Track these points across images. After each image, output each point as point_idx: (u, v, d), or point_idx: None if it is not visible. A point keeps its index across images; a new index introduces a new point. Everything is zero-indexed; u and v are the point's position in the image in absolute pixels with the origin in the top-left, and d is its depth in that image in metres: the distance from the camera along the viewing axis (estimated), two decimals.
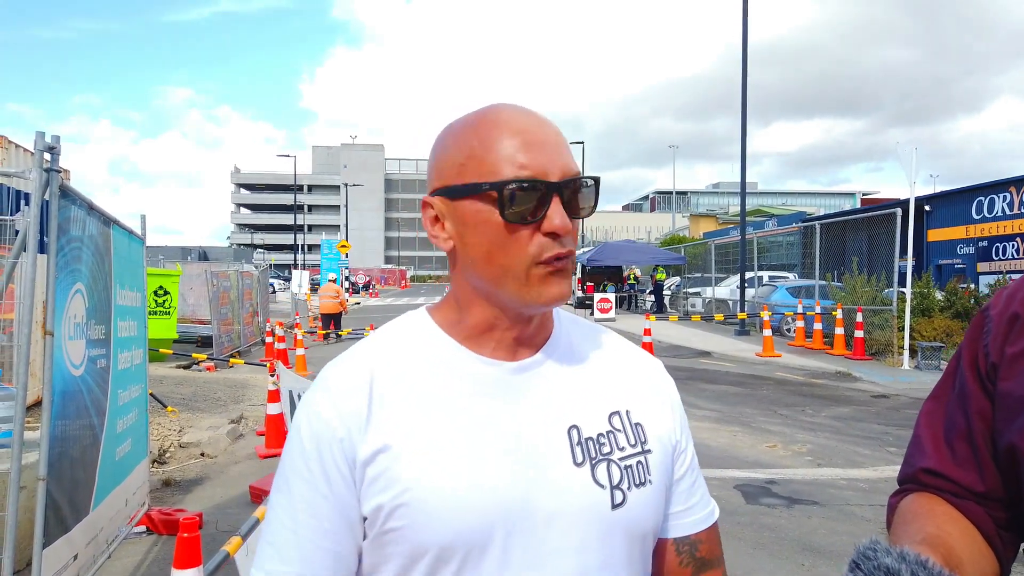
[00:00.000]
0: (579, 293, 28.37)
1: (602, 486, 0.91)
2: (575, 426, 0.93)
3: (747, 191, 19.73)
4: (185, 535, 2.27)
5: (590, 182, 0.92)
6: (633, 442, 0.96)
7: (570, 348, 1.00)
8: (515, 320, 0.94)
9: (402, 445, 0.87)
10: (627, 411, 0.98)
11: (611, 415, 0.96)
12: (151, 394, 6.78)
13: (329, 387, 0.92)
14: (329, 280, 20.47)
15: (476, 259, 0.91)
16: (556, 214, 0.87)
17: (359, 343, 0.99)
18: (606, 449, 0.93)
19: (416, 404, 0.90)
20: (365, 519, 0.88)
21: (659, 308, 27.07)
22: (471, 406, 0.91)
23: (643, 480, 0.94)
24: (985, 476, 0.94)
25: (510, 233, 0.88)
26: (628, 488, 0.92)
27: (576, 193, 0.91)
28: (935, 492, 0.99)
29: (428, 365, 0.93)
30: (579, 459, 0.91)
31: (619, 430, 0.96)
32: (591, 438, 0.93)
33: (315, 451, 0.89)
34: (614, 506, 0.91)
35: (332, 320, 19.06)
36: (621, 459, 0.94)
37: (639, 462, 0.95)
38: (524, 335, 0.96)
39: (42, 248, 3.24)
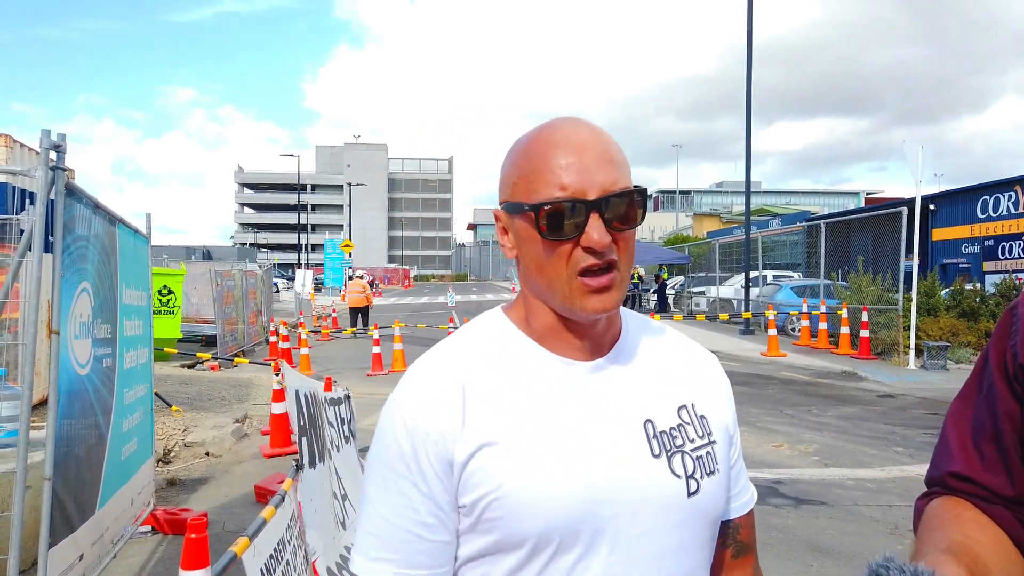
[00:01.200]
0: None
1: (678, 476, 0.98)
2: (650, 420, 1.00)
3: (751, 190, 19.67)
4: (193, 536, 2.25)
5: (633, 194, 0.96)
6: (700, 434, 1.03)
7: (637, 345, 1.07)
8: (580, 324, 1.00)
9: (496, 444, 0.93)
10: (692, 404, 1.05)
11: (679, 409, 1.03)
12: (156, 393, 6.77)
13: (422, 388, 0.98)
14: (356, 276, 21.53)
15: (530, 269, 0.99)
16: (594, 230, 0.92)
17: (443, 343, 1.05)
18: (679, 441, 1.00)
19: (505, 404, 0.96)
20: (462, 508, 0.94)
21: (662, 308, 27.04)
22: (555, 405, 0.97)
23: (712, 469, 1.02)
24: (1014, 480, 0.92)
25: (551, 249, 0.95)
26: (701, 477, 1.00)
27: (621, 206, 0.94)
28: (962, 496, 0.96)
29: (512, 366, 1.00)
30: (656, 451, 0.98)
31: (688, 423, 1.03)
32: (664, 431, 1.00)
33: (411, 451, 0.95)
34: (690, 494, 0.98)
35: (359, 314, 19.79)
36: (692, 450, 1.01)
37: (708, 452, 1.02)
38: (592, 336, 1.02)
39: (48, 247, 3.23)
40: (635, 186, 0.96)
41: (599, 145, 0.96)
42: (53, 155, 3.08)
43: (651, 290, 29.23)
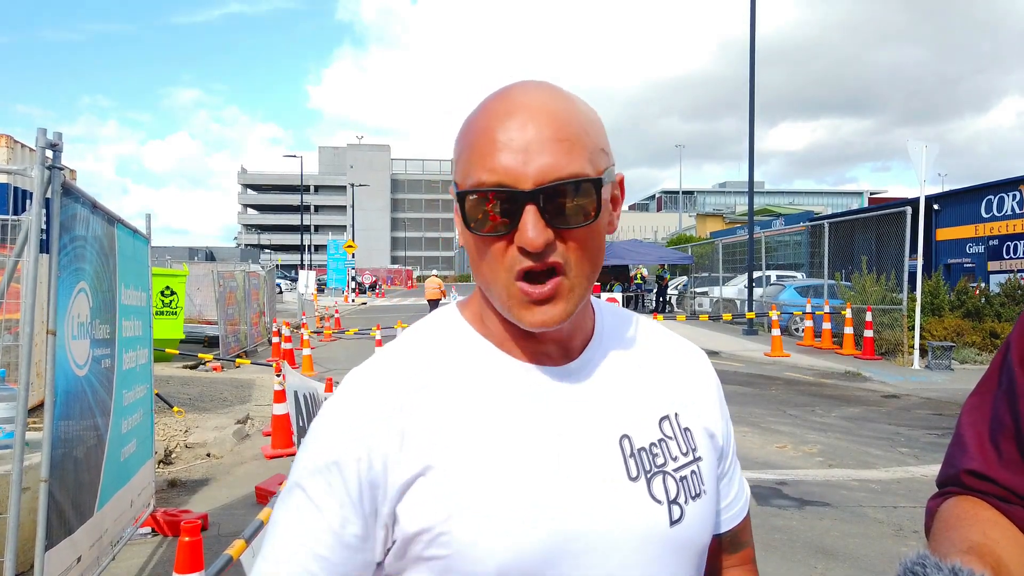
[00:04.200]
0: None
1: (659, 502, 0.84)
2: (626, 435, 0.86)
3: (754, 190, 19.62)
4: (187, 539, 2.22)
5: (581, 185, 0.77)
6: (685, 450, 0.89)
7: (613, 344, 0.92)
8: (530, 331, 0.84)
9: (442, 468, 0.78)
10: (676, 414, 0.91)
11: (661, 420, 0.89)
12: (157, 394, 6.75)
13: (357, 400, 0.82)
14: (433, 274, 25.97)
15: (473, 263, 0.84)
16: (528, 226, 0.75)
17: (388, 347, 0.89)
18: (660, 460, 0.86)
19: (455, 420, 0.81)
20: (395, 543, 0.80)
21: (662, 307, 27.01)
22: (516, 418, 0.82)
23: (698, 491, 0.88)
24: None
25: (484, 245, 0.79)
26: (685, 502, 0.86)
27: (564, 199, 0.76)
28: (979, 495, 0.92)
29: (465, 373, 0.84)
30: (634, 473, 0.84)
31: (670, 437, 0.89)
32: (644, 448, 0.86)
33: (337, 471, 0.79)
34: (672, 523, 0.84)
35: (432, 305, 22.96)
36: (675, 470, 0.87)
37: (693, 472, 0.89)
38: (558, 339, 0.87)
39: (45, 247, 3.20)
40: (586, 178, 0.78)
41: (551, 118, 0.77)
42: (49, 154, 3.06)
43: (654, 291, 29.19)
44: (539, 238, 0.75)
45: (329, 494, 0.79)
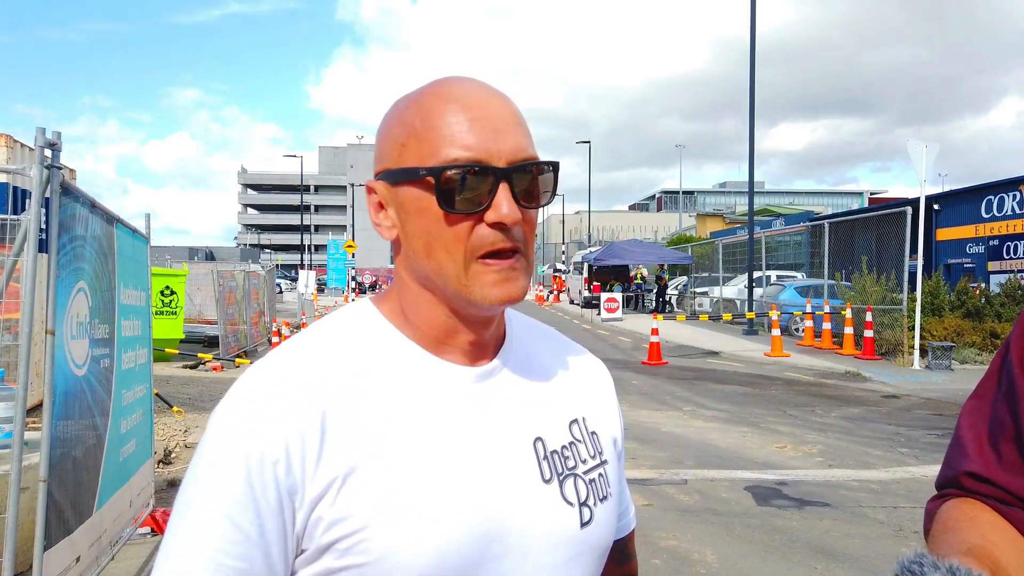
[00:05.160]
0: (586, 293, 28.33)
1: (571, 504, 0.85)
2: (539, 438, 0.86)
3: (754, 190, 19.62)
4: None
5: (547, 167, 0.82)
6: (592, 454, 0.90)
7: (524, 350, 0.92)
8: (471, 321, 0.84)
9: (359, 472, 0.75)
10: (583, 418, 0.92)
11: (571, 424, 0.90)
12: (157, 394, 6.75)
13: (264, 399, 0.76)
14: None
15: (417, 250, 0.81)
16: (502, 203, 0.77)
17: (291, 341, 0.85)
18: (571, 463, 0.87)
19: (372, 421, 0.78)
20: (307, 551, 0.75)
21: (661, 307, 27.01)
22: (434, 419, 0.80)
23: (605, 494, 0.89)
24: None
25: (449, 224, 0.78)
26: (594, 504, 0.87)
27: (530, 179, 0.80)
28: (979, 498, 0.92)
29: (383, 370, 0.81)
30: (547, 475, 0.84)
31: (580, 440, 0.90)
32: (556, 451, 0.86)
33: (239, 479, 0.73)
34: (583, 524, 0.85)
35: None
36: (585, 473, 0.88)
37: (600, 474, 0.90)
38: (483, 337, 0.86)
39: (44, 247, 3.20)
40: (549, 161, 0.82)
41: (505, 104, 0.81)
42: (48, 153, 3.05)
43: (653, 291, 29.20)
44: (515, 213, 0.78)
45: (239, 500, 0.73)
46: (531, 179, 0.80)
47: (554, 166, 0.83)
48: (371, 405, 0.79)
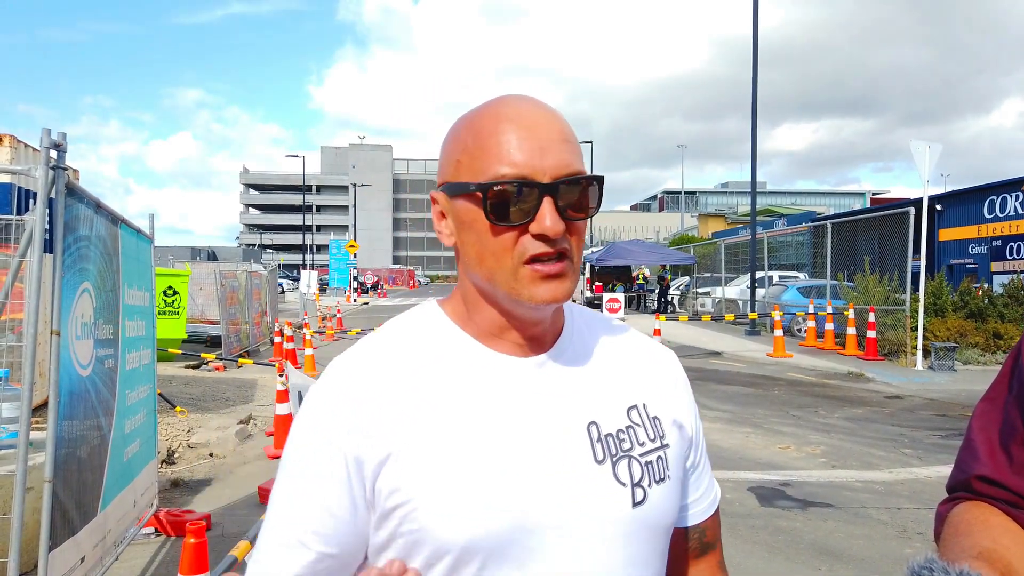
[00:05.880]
0: (588, 293, 28.30)
1: (623, 484, 0.89)
2: (594, 422, 0.91)
3: (757, 191, 19.60)
4: (192, 540, 2.21)
5: (591, 182, 0.88)
6: (652, 437, 0.95)
7: (583, 341, 0.98)
8: (522, 319, 0.92)
9: (418, 447, 0.85)
10: (644, 404, 0.96)
11: (629, 409, 0.95)
12: (160, 394, 6.75)
13: (339, 386, 0.90)
14: None
15: (471, 258, 0.90)
16: (546, 216, 0.84)
17: (369, 336, 0.96)
18: (626, 445, 0.92)
19: (431, 403, 0.87)
20: (376, 519, 0.87)
21: (664, 308, 26.98)
22: (487, 405, 0.88)
23: (663, 476, 0.93)
24: None
25: (496, 235, 0.86)
26: (648, 485, 0.91)
27: (575, 192, 0.86)
28: (990, 501, 0.92)
29: (441, 362, 0.91)
30: (599, 456, 0.89)
31: (638, 424, 0.94)
32: (610, 434, 0.91)
33: (319, 457, 0.87)
34: (635, 504, 0.89)
35: None
36: (641, 455, 0.92)
37: (659, 457, 0.94)
38: (536, 333, 0.93)
39: (49, 247, 3.20)
40: (594, 175, 0.88)
41: (553, 122, 0.87)
42: (53, 154, 3.05)
43: (655, 291, 29.17)
44: (558, 225, 0.84)
45: (319, 472, 0.86)
46: (576, 192, 0.86)
47: (599, 180, 0.89)
48: (427, 392, 0.88)
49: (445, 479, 0.83)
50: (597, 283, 28.85)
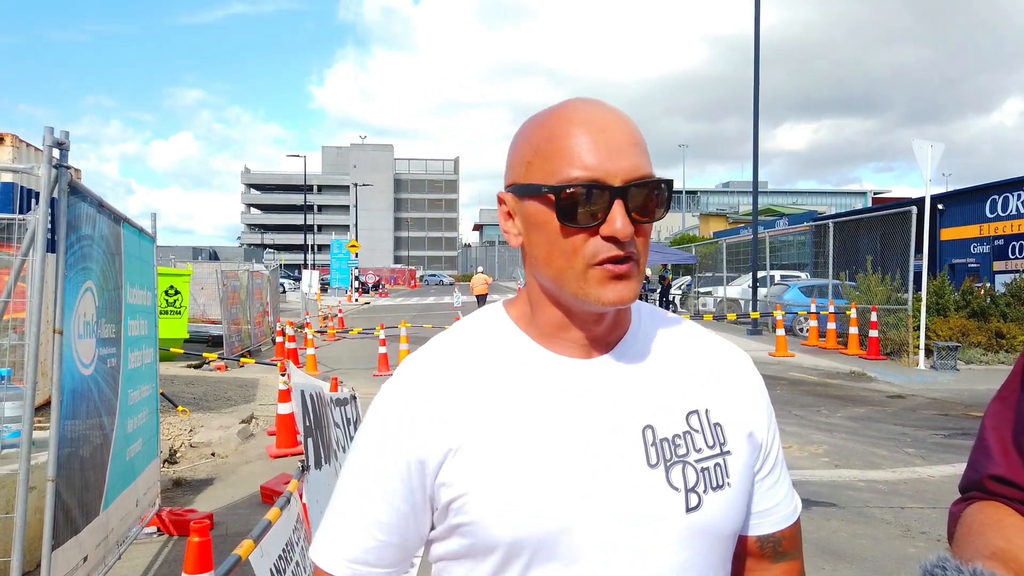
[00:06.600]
0: None
1: (676, 489, 0.89)
2: (650, 426, 0.91)
3: (758, 190, 19.57)
4: (196, 539, 2.21)
5: (661, 185, 0.88)
6: (711, 443, 0.93)
7: (648, 344, 0.98)
8: (585, 320, 0.92)
9: (475, 444, 0.88)
10: (707, 410, 0.95)
11: (689, 415, 0.94)
12: (162, 394, 6.75)
13: (409, 383, 0.94)
14: (480, 271, 27.36)
15: (538, 259, 0.90)
16: (616, 219, 0.84)
17: (438, 336, 1.00)
18: (682, 451, 0.91)
19: (490, 402, 0.90)
20: (437, 511, 0.91)
21: (665, 307, 26.97)
22: (544, 405, 0.90)
23: (721, 483, 0.92)
24: None
25: (566, 237, 0.86)
26: (704, 491, 0.90)
27: (645, 196, 0.87)
28: (1004, 501, 0.91)
29: (503, 363, 0.93)
30: (653, 461, 0.89)
31: (696, 431, 0.93)
32: (666, 439, 0.91)
33: (385, 451, 0.91)
34: (688, 509, 0.89)
35: (481, 300, 25.04)
36: (697, 461, 0.91)
37: (717, 464, 0.93)
38: (597, 334, 0.94)
39: (52, 246, 3.19)
40: (664, 178, 0.88)
41: (624, 126, 0.88)
42: (56, 153, 3.05)
43: (656, 290, 29.15)
44: (628, 228, 0.84)
45: (384, 469, 0.91)
46: (646, 196, 0.87)
47: (668, 184, 0.89)
48: (486, 393, 0.91)
49: (497, 476, 0.86)
50: None
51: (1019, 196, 20.22)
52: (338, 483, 0.97)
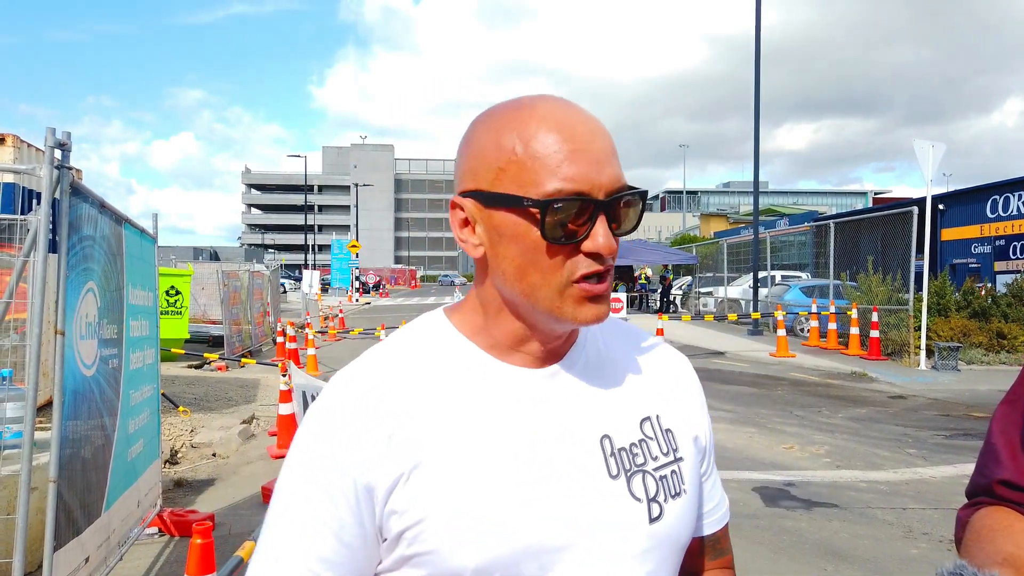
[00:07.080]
0: None
1: (639, 499, 0.86)
2: (607, 436, 0.88)
3: (759, 190, 19.57)
4: (198, 541, 2.20)
5: (639, 196, 0.84)
6: (665, 451, 0.91)
7: (597, 351, 0.94)
8: (548, 334, 0.87)
9: (426, 467, 0.81)
10: (657, 416, 0.93)
11: (642, 421, 0.91)
12: (163, 394, 6.74)
13: (342, 402, 0.84)
14: None
15: (508, 272, 0.83)
16: (600, 234, 0.79)
17: (372, 349, 0.91)
18: (640, 460, 0.88)
19: (439, 420, 0.83)
20: (386, 541, 0.82)
21: (666, 308, 26.96)
22: (498, 420, 0.84)
23: (678, 490, 0.90)
24: None
25: (547, 252, 0.80)
26: (664, 500, 0.88)
27: (623, 208, 0.82)
28: (1013, 506, 0.90)
29: (450, 376, 0.86)
30: (614, 472, 0.86)
31: (651, 438, 0.91)
32: (624, 448, 0.88)
33: (321, 478, 0.81)
34: (652, 520, 0.86)
35: None
36: (655, 469, 0.89)
37: (673, 471, 0.91)
38: (555, 346, 0.89)
39: (53, 247, 3.19)
40: (641, 190, 0.84)
41: (604, 133, 0.82)
42: (58, 153, 3.05)
43: (657, 291, 29.14)
44: (612, 243, 0.80)
45: (329, 499, 0.81)
46: (623, 207, 0.82)
47: (643, 195, 0.85)
48: (436, 408, 0.83)
49: (461, 498, 0.80)
50: None
51: (1020, 196, 20.21)
52: (267, 517, 0.85)
